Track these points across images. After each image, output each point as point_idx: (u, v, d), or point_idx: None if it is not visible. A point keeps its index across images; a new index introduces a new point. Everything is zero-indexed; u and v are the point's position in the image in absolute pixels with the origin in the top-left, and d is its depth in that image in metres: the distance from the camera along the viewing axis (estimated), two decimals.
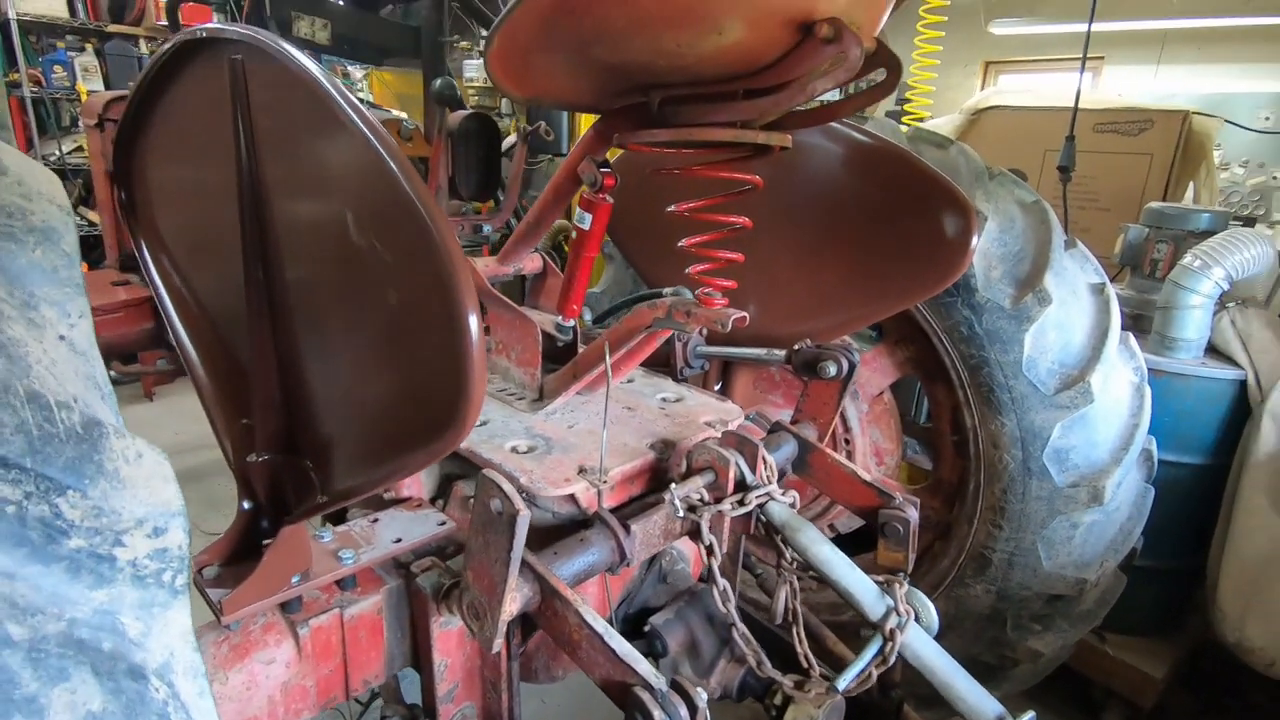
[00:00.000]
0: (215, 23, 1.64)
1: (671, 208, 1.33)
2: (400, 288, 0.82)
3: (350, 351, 0.97)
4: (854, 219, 1.80)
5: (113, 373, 5.01)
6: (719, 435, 1.50)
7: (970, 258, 1.67)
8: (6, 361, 0.47)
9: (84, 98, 4.87)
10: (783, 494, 1.36)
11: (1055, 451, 1.85)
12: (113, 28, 5.29)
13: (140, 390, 4.86)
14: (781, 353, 1.84)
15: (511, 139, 2.13)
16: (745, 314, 1.31)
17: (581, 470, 1.36)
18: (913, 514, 1.53)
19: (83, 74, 4.99)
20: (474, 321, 0.74)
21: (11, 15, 4.69)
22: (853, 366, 1.72)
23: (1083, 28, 3.07)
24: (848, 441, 2.29)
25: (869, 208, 1.78)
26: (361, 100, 2.77)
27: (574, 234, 1.52)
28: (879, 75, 1.12)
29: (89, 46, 5.14)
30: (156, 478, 0.63)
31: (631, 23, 1.00)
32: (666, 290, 2.14)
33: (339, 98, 0.83)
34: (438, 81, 1.62)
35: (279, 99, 0.94)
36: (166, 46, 1.11)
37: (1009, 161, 3.44)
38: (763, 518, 1.37)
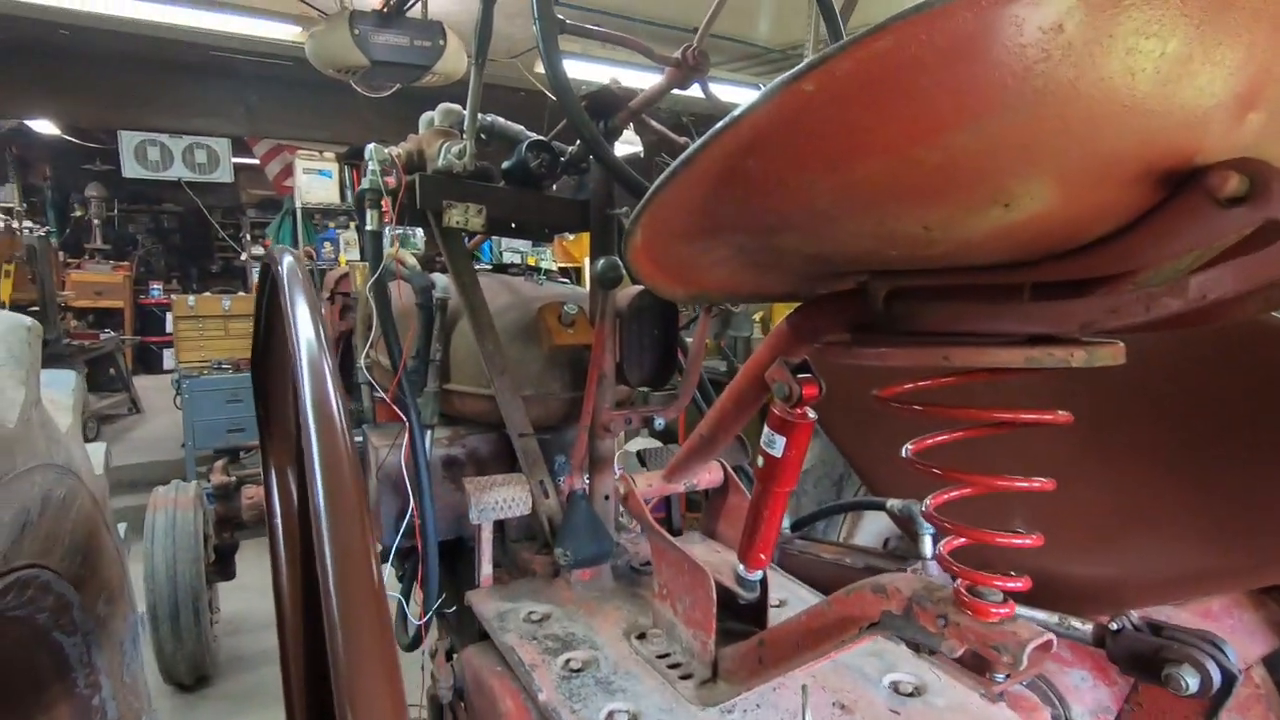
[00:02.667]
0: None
1: (912, 455, 0.86)
2: None
3: None
4: (1205, 420, 1.18)
5: None
6: None
7: None
8: None
9: (342, 265, 5.62)
10: None
11: None
12: None
13: None
14: (1085, 627, 1.20)
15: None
16: (1051, 638, 0.77)
17: None
18: None
19: (345, 246, 5.82)
20: None
21: (299, 204, 5.64)
22: (1230, 681, 1.04)
23: None
24: None
25: (1232, 405, 1.15)
26: (541, 268, 2.70)
27: (761, 461, 1.10)
28: None
29: (352, 224, 6.04)
30: None
31: (843, 203, 0.61)
32: (893, 503, 1.61)
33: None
34: (601, 262, 1.35)
35: None
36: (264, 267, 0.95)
37: None
38: None
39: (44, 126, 7.57)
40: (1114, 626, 1.14)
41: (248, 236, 10.08)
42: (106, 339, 7.07)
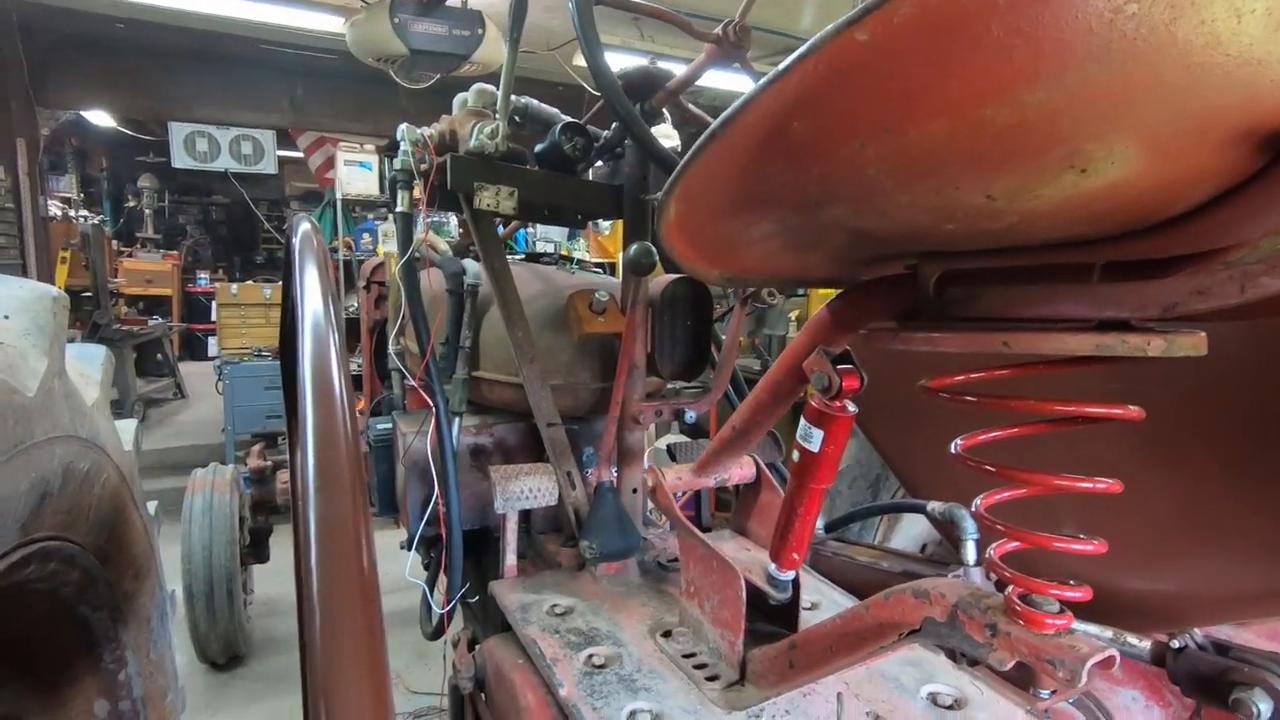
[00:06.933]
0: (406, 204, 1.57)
1: (961, 452, 0.80)
2: None
3: None
4: None
5: None
6: None
7: None
8: None
9: (380, 255, 5.69)
10: None
11: None
12: None
13: None
14: (1142, 644, 1.13)
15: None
16: (1113, 654, 0.70)
17: None
18: None
19: (383, 238, 5.89)
20: None
21: (340, 196, 5.72)
22: None
23: None
24: None
25: None
26: (573, 258, 2.67)
27: (796, 455, 1.05)
28: None
29: (390, 215, 6.09)
30: None
31: (897, 170, 0.56)
32: (933, 506, 1.54)
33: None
34: (633, 248, 1.31)
35: None
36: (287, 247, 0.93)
37: None
38: None
39: (100, 118, 7.84)
40: (1175, 644, 1.06)
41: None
42: (154, 325, 7.28)
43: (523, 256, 2.32)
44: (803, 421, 1.03)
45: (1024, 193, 0.54)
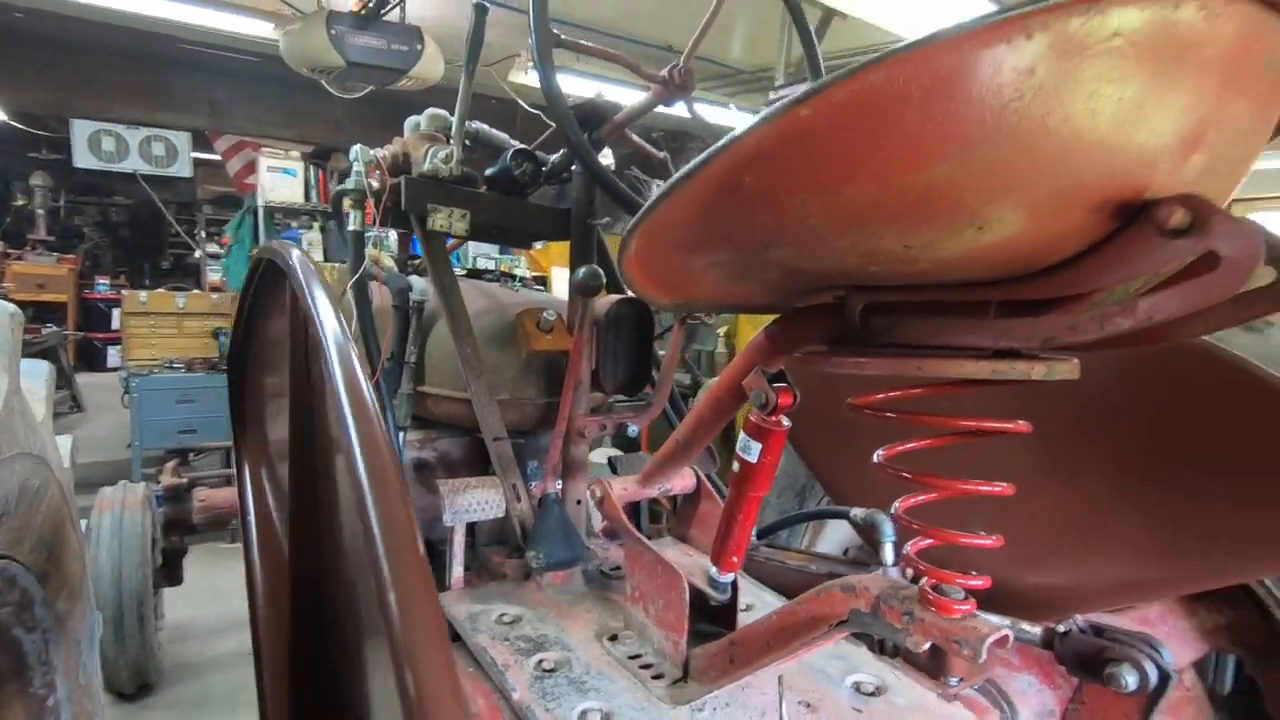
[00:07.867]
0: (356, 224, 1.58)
1: (883, 460, 0.91)
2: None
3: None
4: (1146, 437, 1.26)
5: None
6: None
7: None
8: None
9: None
10: None
11: None
12: None
13: None
14: (1035, 630, 1.27)
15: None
16: (1008, 633, 0.82)
17: None
18: None
19: (307, 246, 5.73)
20: None
21: (261, 203, 5.54)
22: (1165, 680, 1.12)
23: None
24: None
25: (1167, 423, 1.24)
26: (515, 275, 2.71)
27: (736, 466, 1.14)
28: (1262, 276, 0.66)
29: (315, 225, 5.94)
30: None
31: (833, 221, 0.66)
32: (856, 512, 1.67)
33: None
34: (581, 271, 1.38)
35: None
36: (255, 258, 0.95)
37: None
38: None
39: None
40: (1061, 629, 1.20)
41: (203, 233, 9.81)
42: (48, 333, 6.79)
43: (464, 273, 2.34)
44: (742, 435, 1.12)
45: (934, 244, 0.65)
